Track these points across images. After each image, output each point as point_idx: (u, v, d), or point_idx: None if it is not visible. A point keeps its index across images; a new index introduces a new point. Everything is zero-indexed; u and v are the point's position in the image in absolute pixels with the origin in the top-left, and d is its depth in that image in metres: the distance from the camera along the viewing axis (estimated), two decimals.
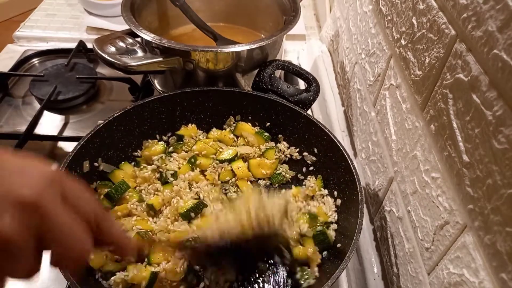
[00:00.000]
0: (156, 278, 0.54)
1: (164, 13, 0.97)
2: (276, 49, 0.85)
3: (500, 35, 0.35)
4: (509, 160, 0.34)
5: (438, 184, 0.47)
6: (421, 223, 0.52)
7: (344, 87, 0.92)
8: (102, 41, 0.73)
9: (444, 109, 0.45)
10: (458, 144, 0.42)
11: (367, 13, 0.75)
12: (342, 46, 0.94)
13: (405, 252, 0.57)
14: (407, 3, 0.56)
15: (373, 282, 0.65)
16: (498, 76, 0.35)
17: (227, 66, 0.79)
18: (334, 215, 0.64)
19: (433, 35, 0.48)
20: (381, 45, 0.67)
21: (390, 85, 0.63)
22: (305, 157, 0.73)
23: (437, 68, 0.47)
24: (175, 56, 0.75)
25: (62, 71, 0.95)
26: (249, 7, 1.00)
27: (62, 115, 0.89)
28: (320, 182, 0.69)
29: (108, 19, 1.16)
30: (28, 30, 1.13)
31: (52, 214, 0.30)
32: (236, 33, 1.00)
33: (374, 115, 0.70)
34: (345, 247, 0.55)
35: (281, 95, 0.76)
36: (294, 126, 0.73)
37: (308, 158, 0.72)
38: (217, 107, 0.76)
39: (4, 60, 1.03)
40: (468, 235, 0.41)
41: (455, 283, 0.43)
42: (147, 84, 0.94)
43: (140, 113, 0.71)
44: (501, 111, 0.35)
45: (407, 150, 0.56)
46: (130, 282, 0.54)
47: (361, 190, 0.59)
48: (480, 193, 0.38)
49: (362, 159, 0.77)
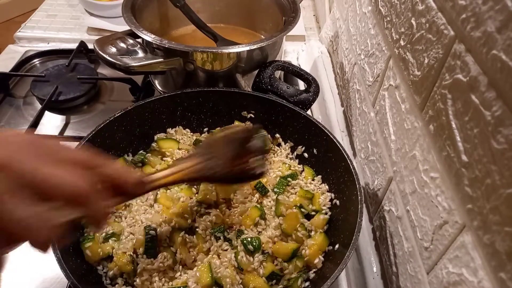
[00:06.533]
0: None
1: (164, 14, 0.97)
2: (276, 49, 0.86)
3: (499, 36, 0.35)
4: (508, 160, 0.34)
5: (437, 184, 0.47)
6: (420, 222, 0.52)
7: (343, 88, 0.92)
8: (103, 41, 0.73)
9: (443, 109, 0.46)
10: (457, 144, 0.42)
11: (366, 14, 0.76)
12: (341, 46, 0.94)
13: (404, 252, 0.57)
14: (406, 4, 0.57)
15: (373, 281, 0.65)
16: (497, 77, 0.35)
17: (227, 67, 0.79)
18: (326, 210, 0.66)
19: (432, 36, 0.49)
20: (380, 45, 0.67)
21: (389, 85, 0.63)
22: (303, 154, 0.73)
23: (436, 68, 0.47)
24: (176, 57, 0.75)
25: (63, 72, 0.96)
26: (249, 8, 1.01)
27: (63, 115, 0.90)
28: (311, 172, 0.71)
29: (109, 20, 1.17)
30: (29, 31, 1.14)
31: (28, 171, 0.31)
32: (236, 34, 1.00)
33: (373, 115, 0.70)
34: (344, 247, 0.56)
35: (281, 96, 0.76)
36: (294, 126, 0.74)
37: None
38: (217, 108, 0.76)
39: (5, 61, 1.03)
40: (467, 235, 0.41)
41: (454, 282, 0.43)
42: (147, 84, 0.94)
43: (140, 113, 0.71)
44: (500, 111, 0.35)
45: (406, 150, 0.56)
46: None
47: (361, 190, 0.59)
48: (479, 193, 0.39)
49: (362, 159, 0.77)
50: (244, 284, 0.57)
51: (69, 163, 0.33)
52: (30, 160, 0.31)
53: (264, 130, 0.59)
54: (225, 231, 0.61)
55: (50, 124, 0.87)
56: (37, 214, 0.31)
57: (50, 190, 0.32)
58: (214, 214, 0.63)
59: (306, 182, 0.70)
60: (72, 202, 0.33)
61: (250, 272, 0.58)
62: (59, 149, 0.34)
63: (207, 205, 0.64)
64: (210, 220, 0.62)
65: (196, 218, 0.63)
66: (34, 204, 0.31)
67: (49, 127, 0.87)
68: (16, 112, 0.90)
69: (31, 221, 0.31)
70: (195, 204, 0.64)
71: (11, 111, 0.90)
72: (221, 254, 0.59)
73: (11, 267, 0.64)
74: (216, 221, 0.62)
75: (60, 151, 0.34)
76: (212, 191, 0.64)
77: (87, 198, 0.33)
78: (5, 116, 0.88)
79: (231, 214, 0.64)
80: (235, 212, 0.64)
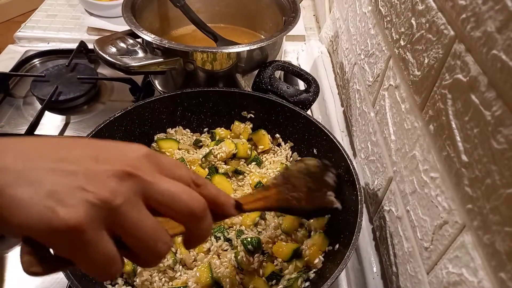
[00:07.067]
0: None
1: (164, 14, 0.97)
2: (276, 49, 0.86)
3: (499, 36, 0.35)
4: (508, 160, 0.34)
5: (437, 184, 0.47)
6: (420, 222, 0.52)
7: (343, 88, 0.92)
8: (103, 41, 0.73)
9: (443, 109, 0.46)
10: (457, 144, 0.42)
11: (366, 14, 0.76)
12: (341, 46, 0.94)
13: (404, 252, 0.57)
14: (406, 4, 0.57)
15: (373, 281, 0.65)
16: (497, 77, 0.35)
17: (227, 67, 0.79)
18: None
19: (432, 36, 0.49)
20: (380, 45, 0.67)
21: (389, 85, 0.63)
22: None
23: (436, 68, 0.47)
24: (176, 57, 0.75)
25: (63, 72, 0.96)
26: (249, 8, 1.01)
27: (63, 115, 0.90)
28: None
29: (109, 20, 1.17)
30: (29, 31, 1.14)
31: (152, 183, 0.31)
32: (236, 34, 1.00)
33: (373, 115, 0.70)
34: (344, 247, 0.56)
35: (281, 96, 0.76)
36: (294, 126, 0.74)
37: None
38: (217, 108, 0.76)
39: (5, 61, 1.03)
40: (467, 235, 0.41)
41: (454, 282, 0.43)
42: (147, 84, 0.94)
43: (140, 113, 0.71)
44: (500, 111, 0.35)
45: (406, 150, 0.56)
46: None
47: (361, 190, 0.59)
48: (479, 193, 0.39)
49: (362, 159, 0.77)
50: (244, 284, 0.57)
51: (183, 181, 0.34)
52: (150, 173, 0.32)
53: (334, 169, 0.59)
54: (225, 231, 0.61)
55: (50, 124, 0.87)
56: (159, 226, 0.32)
57: (166, 204, 0.32)
58: None
59: None
60: (184, 219, 0.33)
61: (250, 272, 0.58)
62: (173, 167, 0.34)
63: None
64: None
65: None
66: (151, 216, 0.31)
67: (49, 127, 0.87)
68: (16, 112, 0.90)
69: (153, 232, 0.31)
70: None
71: (11, 111, 0.90)
72: (221, 254, 0.59)
73: (12, 267, 0.64)
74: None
75: (175, 168, 0.34)
76: None
77: (201, 217, 0.33)
78: (5, 116, 0.88)
79: None
80: None
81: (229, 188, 0.66)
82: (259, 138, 0.75)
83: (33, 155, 0.29)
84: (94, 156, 0.31)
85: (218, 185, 0.65)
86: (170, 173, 0.33)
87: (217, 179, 0.67)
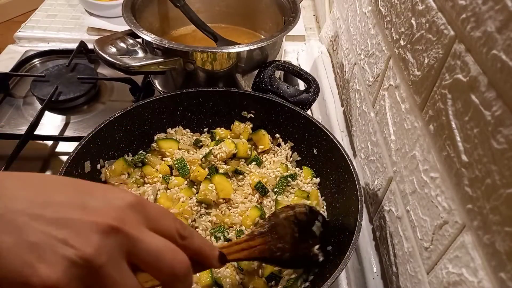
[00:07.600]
0: None
1: (164, 14, 0.97)
2: (276, 49, 0.86)
3: (499, 36, 0.35)
4: (508, 160, 0.34)
5: (437, 184, 0.47)
6: (420, 222, 0.52)
7: (343, 88, 0.92)
8: (103, 41, 0.73)
9: (443, 109, 0.46)
10: (457, 144, 0.42)
11: (366, 14, 0.76)
12: (341, 46, 0.94)
13: (404, 252, 0.57)
14: (406, 4, 0.57)
15: (373, 281, 0.65)
16: (497, 77, 0.35)
17: (227, 67, 0.79)
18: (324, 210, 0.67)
19: (432, 36, 0.49)
20: (380, 45, 0.67)
21: (389, 85, 0.63)
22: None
23: (436, 68, 0.47)
24: (176, 57, 0.75)
25: (63, 72, 0.96)
26: (249, 8, 1.01)
27: (63, 115, 0.90)
28: (310, 172, 0.71)
29: (109, 20, 1.17)
30: (29, 31, 1.14)
31: (136, 240, 0.30)
32: (236, 34, 1.00)
33: (373, 115, 0.70)
34: (344, 247, 0.55)
35: (281, 96, 0.76)
36: (294, 126, 0.74)
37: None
38: (218, 108, 0.76)
39: (5, 61, 1.03)
40: (467, 235, 0.41)
41: (454, 282, 0.43)
42: (147, 84, 0.94)
43: (140, 113, 0.71)
44: (500, 111, 0.35)
45: (406, 150, 0.56)
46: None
47: (361, 190, 0.59)
48: (479, 193, 0.39)
49: (362, 159, 0.77)
50: (244, 284, 0.57)
51: (167, 234, 0.33)
52: (136, 226, 0.31)
53: (321, 217, 0.60)
54: (225, 231, 0.61)
55: (50, 124, 0.87)
56: (136, 285, 0.31)
57: (149, 262, 0.31)
58: (214, 214, 0.63)
59: (305, 182, 0.70)
60: (164, 278, 0.32)
61: (250, 272, 0.58)
62: (159, 217, 0.33)
63: (207, 205, 0.64)
64: (210, 220, 0.62)
65: (196, 218, 0.63)
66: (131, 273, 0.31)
67: (49, 127, 0.87)
68: (16, 112, 0.90)
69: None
70: (195, 204, 0.64)
71: (11, 111, 0.90)
72: None
73: None
74: (216, 221, 0.62)
75: (160, 219, 0.33)
76: (212, 191, 0.64)
77: (182, 279, 0.32)
78: (5, 116, 0.88)
79: (231, 214, 0.64)
80: (235, 212, 0.64)
81: (229, 188, 0.66)
82: (259, 138, 0.75)
83: (15, 196, 0.28)
84: (79, 203, 0.30)
85: (218, 185, 0.65)
86: (156, 224, 0.32)
87: (217, 179, 0.67)
